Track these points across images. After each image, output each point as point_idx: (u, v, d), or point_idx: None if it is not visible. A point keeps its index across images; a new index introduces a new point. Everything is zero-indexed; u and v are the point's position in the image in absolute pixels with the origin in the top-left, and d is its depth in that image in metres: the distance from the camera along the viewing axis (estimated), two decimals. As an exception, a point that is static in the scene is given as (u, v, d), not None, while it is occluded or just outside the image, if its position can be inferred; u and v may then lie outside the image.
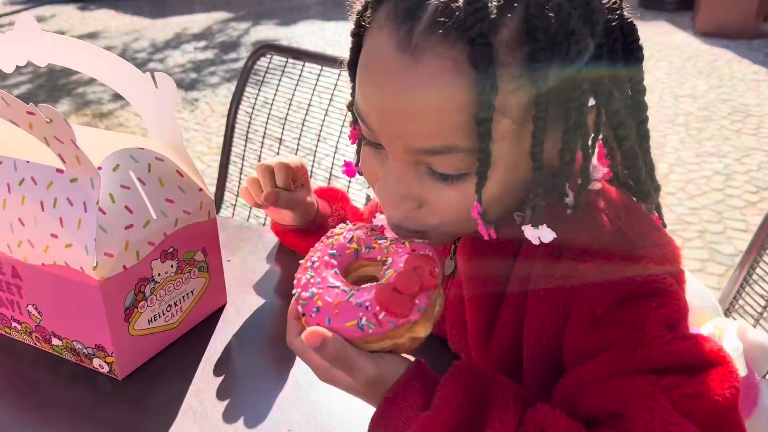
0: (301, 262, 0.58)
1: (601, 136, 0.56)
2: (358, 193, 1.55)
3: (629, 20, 0.53)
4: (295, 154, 1.54)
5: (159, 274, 0.73)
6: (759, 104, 3.70)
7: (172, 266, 0.74)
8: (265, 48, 1.54)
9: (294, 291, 0.56)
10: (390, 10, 0.49)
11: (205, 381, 0.71)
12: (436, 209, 0.54)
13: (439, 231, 0.56)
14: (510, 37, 0.46)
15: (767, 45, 4.84)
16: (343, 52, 0.59)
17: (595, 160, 0.58)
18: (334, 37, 5.50)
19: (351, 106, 0.62)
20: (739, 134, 3.31)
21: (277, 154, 1.56)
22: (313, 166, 1.56)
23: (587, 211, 0.56)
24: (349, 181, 1.51)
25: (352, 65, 0.57)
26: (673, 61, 4.53)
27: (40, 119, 0.61)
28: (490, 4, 0.46)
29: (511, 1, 0.46)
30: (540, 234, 0.53)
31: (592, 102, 0.52)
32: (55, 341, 0.74)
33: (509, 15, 0.46)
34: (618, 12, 0.52)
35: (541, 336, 0.57)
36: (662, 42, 5.02)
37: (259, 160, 1.58)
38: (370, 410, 0.54)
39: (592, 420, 0.50)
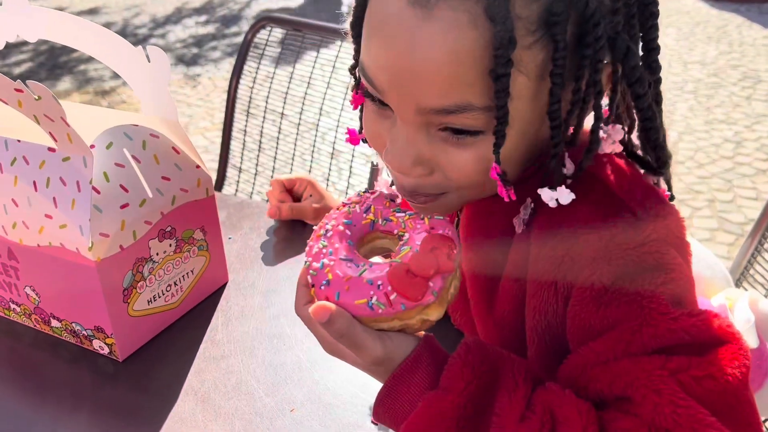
0: (315, 228, 0.56)
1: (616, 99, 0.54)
2: (364, 167, 1.53)
3: None
4: (297, 127, 1.52)
5: (157, 254, 0.71)
6: (770, 69, 3.63)
7: (170, 245, 0.73)
8: (265, 20, 1.51)
9: (305, 259, 0.54)
10: None
11: (206, 361, 0.70)
12: (450, 172, 0.52)
13: (453, 194, 0.54)
14: None
15: (779, 8, 4.74)
16: (345, 24, 0.56)
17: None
18: (334, 7, 5.42)
19: (354, 69, 0.60)
20: (750, 101, 3.25)
21: (279, 129, 1.54)
22: (315, 140, 1.54)
23: (587, 181, 0.54)
24: (353, 155, 1.49)
25: (356, 25, 0.54)
26: (682, 27, 4.44)
27: (29, 97, 0.59)
28: None
29: None
30: (558, 196, 0.51)
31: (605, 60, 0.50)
32: (55, 323, 0.73)
33: None
34: None
35: (541, 310, 0.56)
36: (671, 7, 4.91)
37: (261, 135, 1.56)
38: (374, 389, 0.52)
39: (599, 402, 0.49)
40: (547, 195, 0.51)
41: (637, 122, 0.55)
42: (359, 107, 0.59)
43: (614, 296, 0.50)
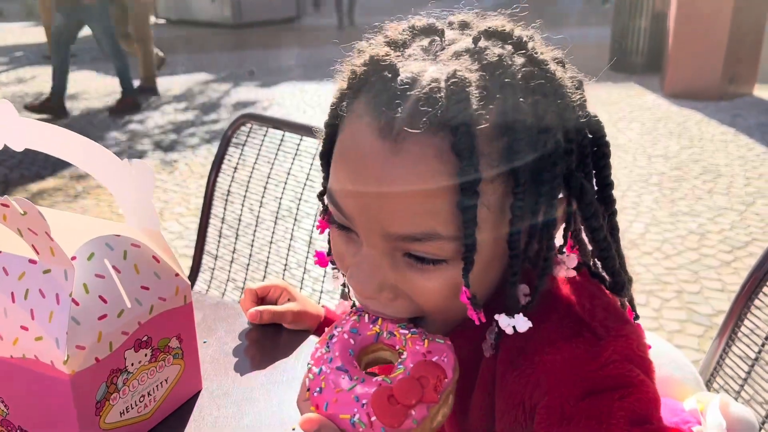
0: (328, 328, 0.58)
1: (571, 229, 0.57)
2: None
3: (595, 117, 0.55)
4: (276, 215, 1.54)
5: (132, 364, 0.71)
6: (728, 164, 3.80)
7: (145, 355, 0.72)
8: (245, 117, 1.55)
9: (308, 361, 0.56)
10: (370, 99, 0.51)
11: (178, 477, 0.69)
12: (416, 297, 0.54)
13: (429, 318, 0.56)
14: (489, 128, 0.48)
15: (733, 106, 5.01)
16: (323, 113, 0.60)
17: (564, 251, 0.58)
18: (314, 98, 5.58)
19: (322, 196, 0.62)
20: (711, 194, 3.39)
21: (258, 216, 1.56)
22: (293, 227, 1.56)
23: (550, 301, 0.56)
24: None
25: (325, 155, 0.57)
26: (645, 123, 4.66)
27: (15, 211, 0.60)
28: (471, 96, 0.47)
29: (491, 95, 0.48)
30: (515, 323, 0.53)
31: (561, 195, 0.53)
32: (22, 436, 0.71)
33: (490, 106, 0.48)
34: (585, 110, 0.54)
35: (509, 428, 0.57)
36: (633, 104, 5.17)
37: (239, 223, 1.58)
38: None
39: None
40: (504, 322, 0.53)
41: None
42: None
43: (576, 413, 0.52)
